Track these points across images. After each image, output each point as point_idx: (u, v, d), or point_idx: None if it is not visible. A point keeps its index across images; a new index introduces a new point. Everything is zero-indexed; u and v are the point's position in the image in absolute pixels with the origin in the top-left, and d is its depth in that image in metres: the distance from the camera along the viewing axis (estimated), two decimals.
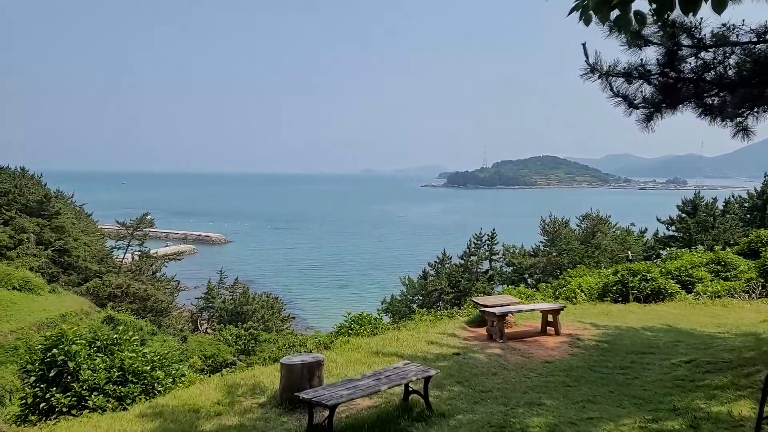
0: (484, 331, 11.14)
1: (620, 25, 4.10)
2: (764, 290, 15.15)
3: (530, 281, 42.27)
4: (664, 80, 6.08)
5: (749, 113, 6.09)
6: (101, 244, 50.38)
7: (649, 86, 6.09)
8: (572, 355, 9.46)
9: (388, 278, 75.31)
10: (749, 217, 34.21)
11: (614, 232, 39.71)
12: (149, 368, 6.88)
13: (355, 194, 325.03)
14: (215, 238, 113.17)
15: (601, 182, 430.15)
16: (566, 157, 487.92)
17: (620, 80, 6.15)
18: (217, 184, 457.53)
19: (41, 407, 6.13)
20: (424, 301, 43.27)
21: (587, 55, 6.28)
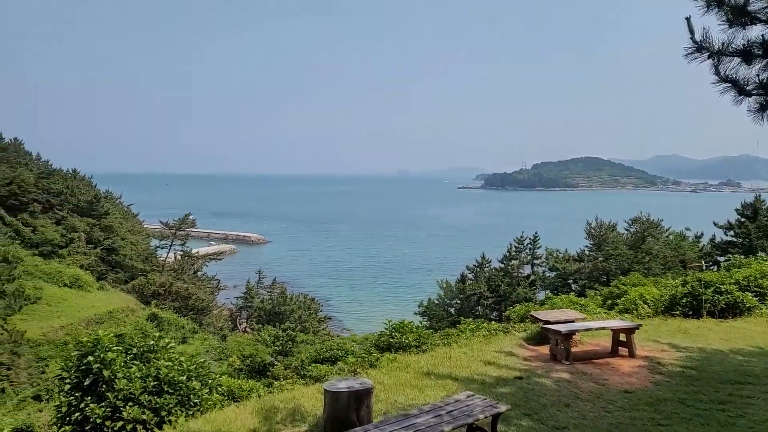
0: (545, 350, 10.17)
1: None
2: None
3: (575, 287, 40.72)
4: None
5: None
6: (146, 243, 51.84)
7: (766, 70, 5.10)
8: (655, 383, 8.33)
9: (424, 281, 74.53)
10: None
11: (667, 236, 37.66)
12: (185, 378, 6.57)
13: (390, 196, 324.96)
14: (254, 238, 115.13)
15: (647, 184, 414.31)
16: (610, 158, 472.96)
17: (731, 63, 5.23)
18: (256, 185, 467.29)
19: (75, 417, 5.88)
20: (462, 305, 42.36)
21: (692, 31, 5.37)
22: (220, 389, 7.42)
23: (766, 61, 5.08)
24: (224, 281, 57.12)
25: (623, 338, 10.14)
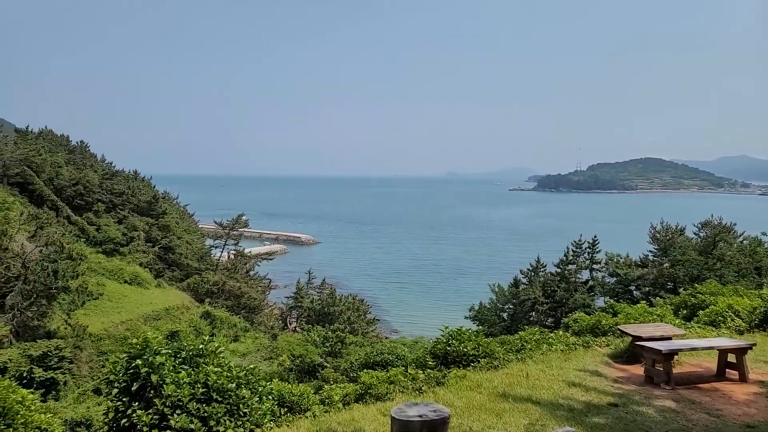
0: (637, 370, 8.92)
1: None
2: None
3: (637, 294, 38.37)
4: None
5: None
6: (201, 242, 53.36)
7: None
8: None
9: (473, 284, 73.02)
10: None
11: (740, 242, 34.81)
12: (234, 386, 6.16)
13: (438, 197, 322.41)
14: (304, 239, 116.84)
15: (713, 186, 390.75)
16: (673, 159, 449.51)
17: None
18: (307, 187, 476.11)
19: (122, 423, 5.56)
20: (515, 310, 40.90)
21: None
22: (270, 396, 6.99)
23: None
24: (275, 281, 58.01)
25: (732, 359, 8.82)
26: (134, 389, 5.86)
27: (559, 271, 40.29)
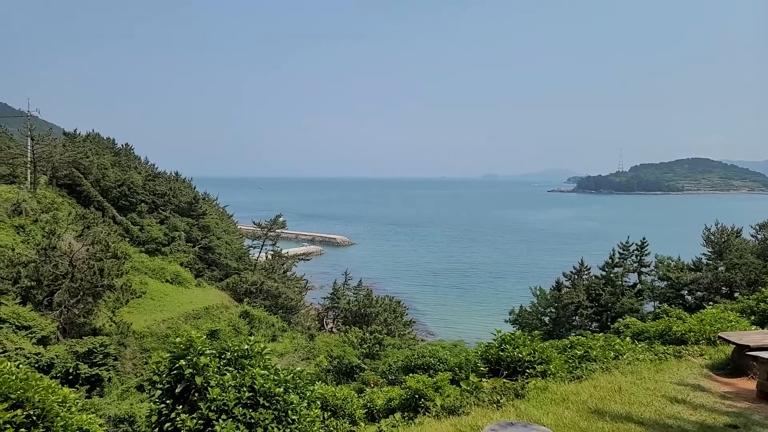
0: (745, 384, 7.93)
1: None
2: None
3: (690, 299, 36.45)
4: None
5: None
6: (240, 242, 54.00)
7: None
8: None
9: (512, 288, 71.44)
10: None
11: None
12: (282, 390, 5.72)
13: (476, 199, 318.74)
14: (340, 240, 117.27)
15: (765, 188, 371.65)
16: (721, 159, 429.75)
17: None
18: (343, 188, 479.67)
19: (166, 428, 5.20)
20: (557, 314, 39.55)
21: None
22: (318, 402, 6.53)
23: None
24: (311, 281, 58.22)
25: None
26: (178, 391, 5.50)
27: (604, 274, 38.76)
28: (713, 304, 24.54)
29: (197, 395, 5.50)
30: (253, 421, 5.42)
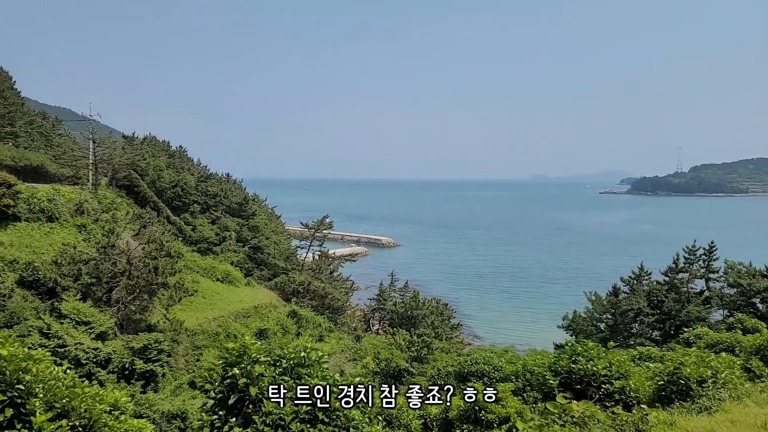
0: None
1: None
2: None
3: (762, 307, 33.75)
4: None
5: None
6: (288, 243, 54.62)
7: None
8: None
9: (563, 292, 68.88)
10: None
11: None
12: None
13: (524, 201, 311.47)
14: (385, 241, 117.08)
15: None
16: None
17: None
18: (390, 190, 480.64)
19: None
20: (615, 321, 37.56)
21: None
22: (379, 417, 5.97)
23: None
24: (357, 282, 58.12)
25: None
26: (231, 402, 5.07)
27: (667, 279, 36.50)
28: None
29: (251, 407, 5.06)
30: None
